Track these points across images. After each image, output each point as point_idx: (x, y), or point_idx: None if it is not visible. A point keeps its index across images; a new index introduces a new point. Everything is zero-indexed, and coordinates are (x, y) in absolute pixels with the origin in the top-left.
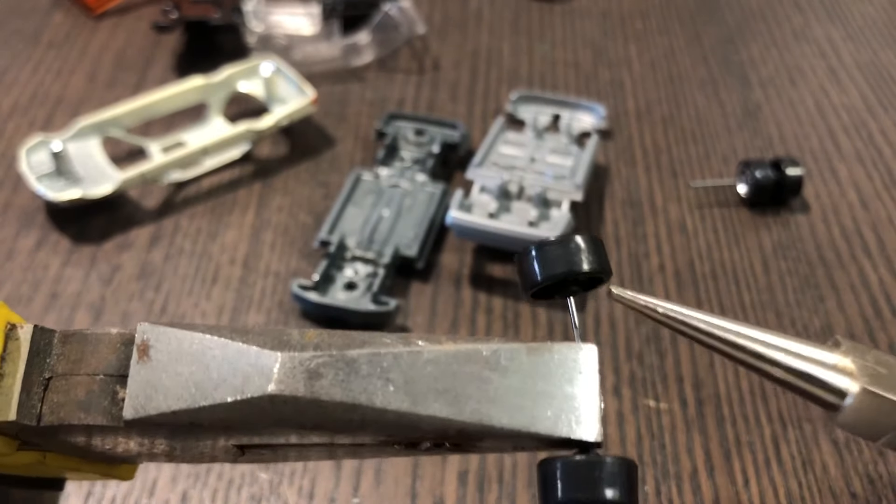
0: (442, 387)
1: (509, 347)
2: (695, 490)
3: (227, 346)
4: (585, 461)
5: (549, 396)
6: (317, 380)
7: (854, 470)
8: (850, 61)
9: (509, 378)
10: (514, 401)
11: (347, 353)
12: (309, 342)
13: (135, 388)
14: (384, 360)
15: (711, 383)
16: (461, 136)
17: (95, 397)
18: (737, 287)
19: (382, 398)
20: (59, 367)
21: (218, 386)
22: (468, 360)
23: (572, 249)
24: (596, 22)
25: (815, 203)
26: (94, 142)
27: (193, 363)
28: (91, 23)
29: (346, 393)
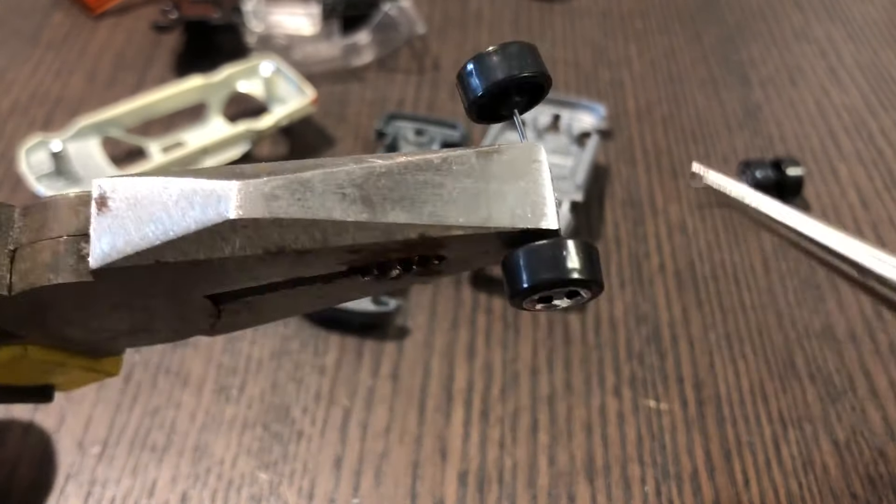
0: (398, 195)
1: (458, 153)
2: (695, 491)
3: (182, 183)
4: (546, 244)
5: (503, 193)
6: (274, 201)
7: (854, 471)
8: (851, 61)
9: (462, 181)
10: (469, 201)
11: (301, 174)
12: (262, 171)
13: (97, 238)
14: (337, 176)
15: (712, 384)
16: (461, 136)
17: (62, 257)
18: (737, 287)
19: (341, 211)
20: (22, 237)
21: (179, 221)
22: (419, 168)
23: (509, 55)
24: (596, 21)
25: (816, 203)
26: (94, 142)
27: (152, 205)
28: (91, 23)
29: (305, 210)
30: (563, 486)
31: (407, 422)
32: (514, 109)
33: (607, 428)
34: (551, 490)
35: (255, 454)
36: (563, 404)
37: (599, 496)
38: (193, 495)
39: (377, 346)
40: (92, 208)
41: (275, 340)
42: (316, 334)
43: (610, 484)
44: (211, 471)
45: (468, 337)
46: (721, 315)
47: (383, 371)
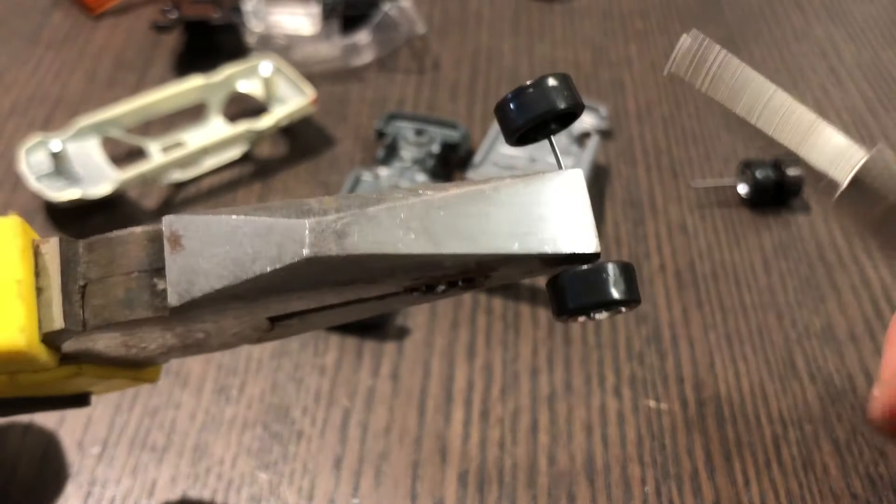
0: (455, 226)
1: (507, 183)
2: (695, 491)
3: (255, 222)
4: (588, 269)
5: (548, 219)
6: (345, 238)
7: (855, 471)
8: (851, 61)
9: (512, 210)
10: (519, 228)
11: (367, 210)
12: (329, 207)
13: (174, 276)
14: (401, 211)
15: (712, 384)
16: (461, 136)
17: (135, 293)
18: (737, 287)
19: (405, 245)
20: (91, 273)
21: (255, 259)
22: (473, 200)
23: (546, 89)
24: (596, 21)
25: (816, 203)
26: (94, 142)
27: (226, 243)
28: (90, 22)
29: (374, 245)
30: (563, 486)
31: (407, 422)
32: (549, 135)
33: (607, 428)
34: (551, 490)
35: (254, 454)
36: (564, 404)
37: (599, 496)
38: (193, 495)
39: (377, 346)
40: (165, 246)
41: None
42: (316, 334)
43: (610, 484)
44: (211, 471)
45: (468, 337)
46: (721, 315)
47: (383, 371)
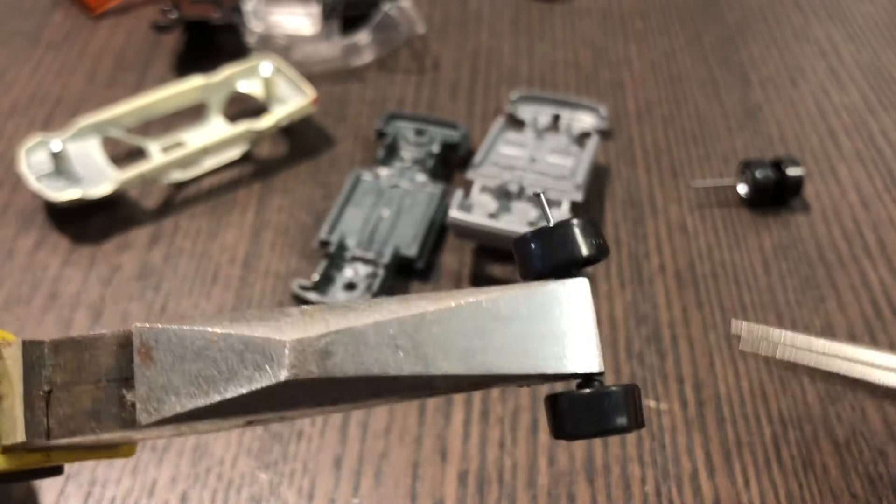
0: (449, 345)
1: (508, 296)
2: (695, 491)
3: (230, 338)
4: (590, 394)
5: (550, 336)
6: (328, 358)
7: (854, 471)
8: (851, 61)
9: (511, 325)
10: (518, 346)
11: (354, 326)
12: (312, 320)
13: (144, 391)
14: (390, 326)
15: (712, 384)
16: (461, 136)
17: (103, 405)
18: (737, 287)
19: (395, 366)
20: (57, 377)
21: (230, 379)
22: (471, 315)
23: (571, 236)
24: (596, 22)
25: (816, 203)
26: (94, 142)
27: (199, 360)
28: (91, 23)
29: (359, 366)
30: (562, 486)
31: (407, 422)
32: (566, 278)
33: None
34: (551, 490)
35: (255, 454)
36: None
37: (599, 496)
38: (193, 495)
39: None
40: (135, 357)
41: None
42: None
43: (610, 484)
44: (211, 471)
45: None
46: (721, 315)
47: None
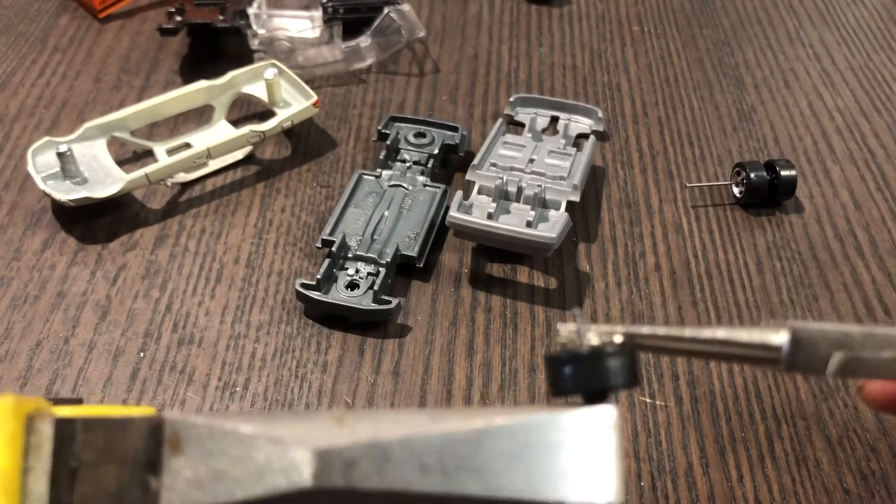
0: (474, 465)
1: (539, 423)
2: (690, 486)
3: (258, 439)
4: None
5: (573, 465)
6: (352, 470)
7: (847, 466)
8: (844, 64)
9: (538, 451)
10: (543, 472)
11: (381, 440)
12: (340, 428)
13: (170, 482)
14: (416, 445)
15: (706, 381)
16: (461, 138)
17: (127, 488)
18: (731, 287)
19: (418, 483)
20: (84, 455)
21: (255, 481)
22: (499, 437)
23: (609, 368)
24: (593, 25)
25: (809, 204)
26: (100, 143)
27: (227, 457)
28: (96, 26)
29: (383, 481)
30: None
31: None
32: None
33: None
34: None
35: None
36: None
37: None
38: None
39: (378, 344)
40: (164, 447)
41: (278, 338)
42: (318, 332)
43: None
44: None
45: (468, 335)
46: (716, 313)
47: (384, 368)
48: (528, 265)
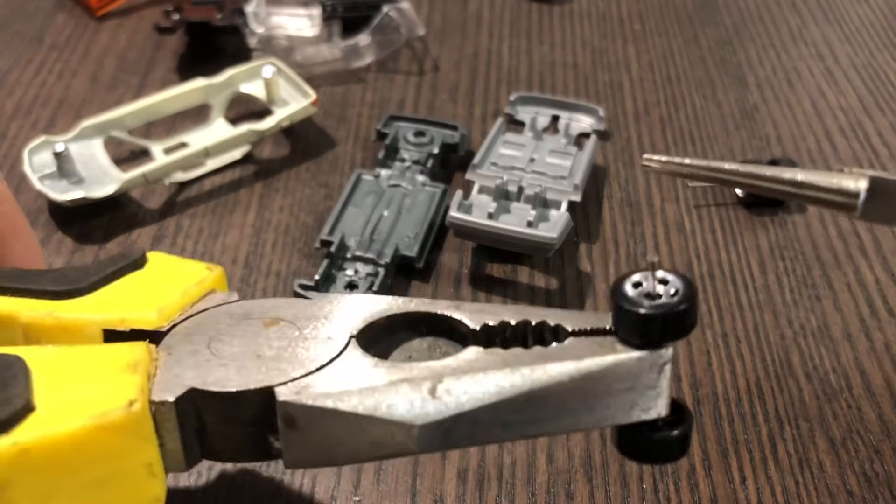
0: (552, 416)
1: (609, 369)
2: (692, 488)
3: (367, 420)
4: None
5: (639, 397)
6: (449, 436)
7: (850, 468)
8: (847, 63)
9: (609, 393)
10: (612, 407)
11: (471, 410)
12: (434, 399)
13: (289, 446)
14: (500, 406)
15: (709, 382)
16: (461, 137)
17: (251, 444)
18: (734, 287)
19: (501, 437)
20: (206, 417)
21: (370, 450)
22: (575, 390)
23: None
24: (595, 24)
25: None
26: (97, 143)
27: (341, 435)
28: (93, 24)
29: (473, 440)
30: (561, 483)
31: None
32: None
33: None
34: (550, 487)
35: None
36: None
37: (597, 493)
38: (196, 494)
39: None
40: (279, 423)
41: None
42: None
43: (608, 481)
44: (213, 468)
45: None
46: (718, 314)
47: None
48: (529, 265)
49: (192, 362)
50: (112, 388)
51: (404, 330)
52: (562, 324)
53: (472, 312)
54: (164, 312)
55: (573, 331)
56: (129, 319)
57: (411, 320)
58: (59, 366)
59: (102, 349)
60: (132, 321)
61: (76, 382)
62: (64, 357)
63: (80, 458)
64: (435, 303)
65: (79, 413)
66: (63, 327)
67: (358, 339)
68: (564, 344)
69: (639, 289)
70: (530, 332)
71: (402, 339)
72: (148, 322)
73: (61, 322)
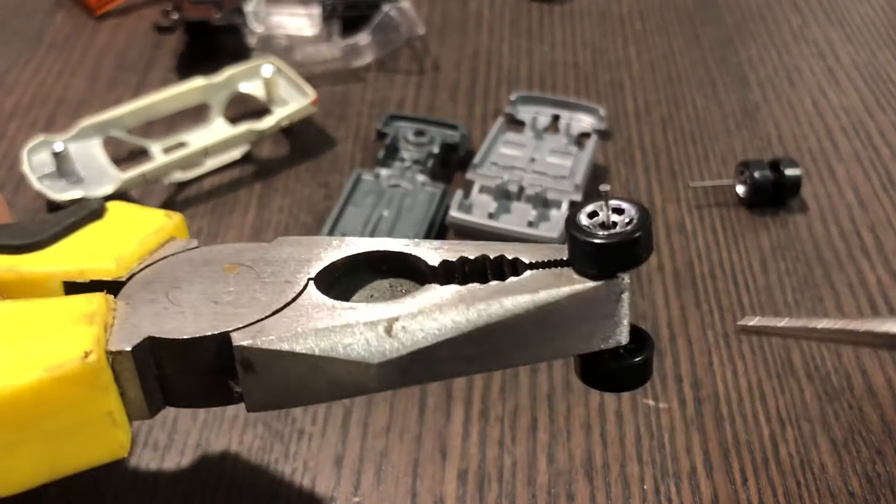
0: (511, 347)
1: (566, 300)
2: (693, 489)
3: (324, 360)
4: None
5: (598, 325)
6: (407, 373)
7: (852, 469)
8: (849, 62)
9: (567, 324)
10: (570, 337)
11: (428, 346)
12: (390, 337)
13: (249, 389)
14: (458, 341)
15: (710, 383)
16: (461, 137)
17: (212, 390)
18: (735, 287)
19: (462, 370)
20: (164, 367)
21: (330, 389)
22: (533, 321)
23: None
24: (595, 23)
25: (814, 203)
26: (96, 142)
27: (299, 375)
28: (92, 24)
29: (433, 375)
30: (562, 484)
31: (407, 420)
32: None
33: (606, 426)
34: (550, 488)
35: (255, 453)
36: (563, 403)
37: (598, 494)
38: (195, 495)
39: None
40: (237, 367)
41: None
42: None
43: (609, 482)
44: (212, 470)
45: None
46: (719, 314)
47: None
48: None
49: (150, 311)
50: (68, 339)
51: (365, 270)
52: (519, 257)
53: (432, 249)
54: (123, 262)
55: (531, 263)
56: (88, 271)
57: (371, 259)
58: (15, 321)
59: (60, 302)
60: (91, 272)
61: (33, 336)
62: (21, 312)
63: (39, 410)
64: (394, 242)
65: (35, 366)
66: (24, 281)
67: (317, 282)
68: (522, 277)
69: (594, 219)
70: (489, 265)
71: (363, 280)
72: (107, 273)
73: (22, 276)
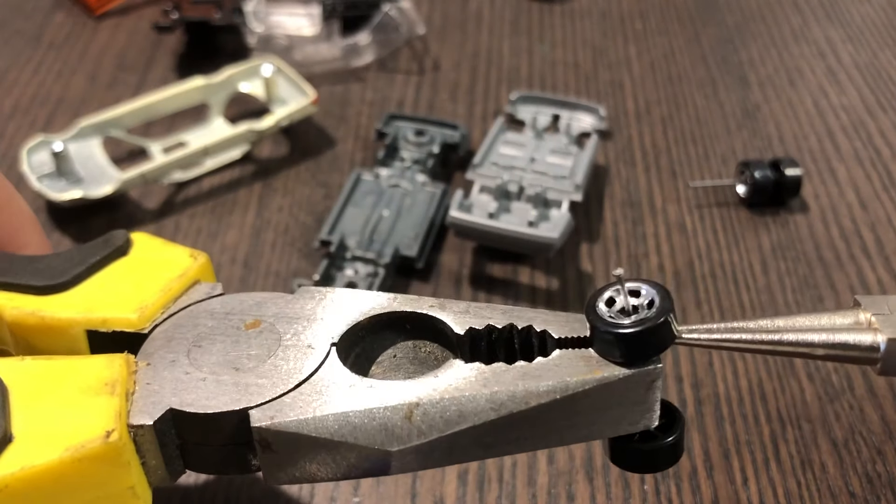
0: (531, 435)
1: (593, 391)
2: (694, 489)
3: (342, 446)
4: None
5: (626, 412)
6: (427, 458)
7: (853, 469)
8: (849, 62)
9: (593, 411)
10: (597, 423)
11: (448, 434)
12: (411, 425)
13: (265, 464)
14: (480, 432)
15: (710, 383)
16: (461, 137)
17: (231, 462)
18: (736, 287)
19: (484, 455)
20: (185, 437)
21: (347, 471)
22: (557, 410)
23: (664, 334)
24: (595, 22)
25: (814, 203)
26: (95, 142)
27: (318, 457)
28: (92, 23)
29: (451, 460)
30: (562, 484)
31: None
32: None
33: None
34: (551, 489)
35: None
36: None
37: (599, 495)
38: (195, 496)
39: None
40: (256, 446)
41: None
42: None
43: (609, 483)
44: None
45: None
46: (720, 314)
47: None
48: (530, 266)
49: (171, 376)
50: (90, 414)
51: (388, 329)
52: (549, 330)
53: (457, 314)
54: (146, 313)
55: (560, 339)
56: (111, 320)
57: (395, 319)
58: (36, 384)
59: (80, 364)
60: (114, 322)
61: (54, 405)
62: (42, 373)
63: (60, 489)
64: (419, 300)
65: (57, 444)
66: (47, 327)
67: (339, 346)
68: (549, 359)
69: (613, 306)
70: (517, 336)
71: (387, 339)
72: (129, 324)
73: (45, 321)
